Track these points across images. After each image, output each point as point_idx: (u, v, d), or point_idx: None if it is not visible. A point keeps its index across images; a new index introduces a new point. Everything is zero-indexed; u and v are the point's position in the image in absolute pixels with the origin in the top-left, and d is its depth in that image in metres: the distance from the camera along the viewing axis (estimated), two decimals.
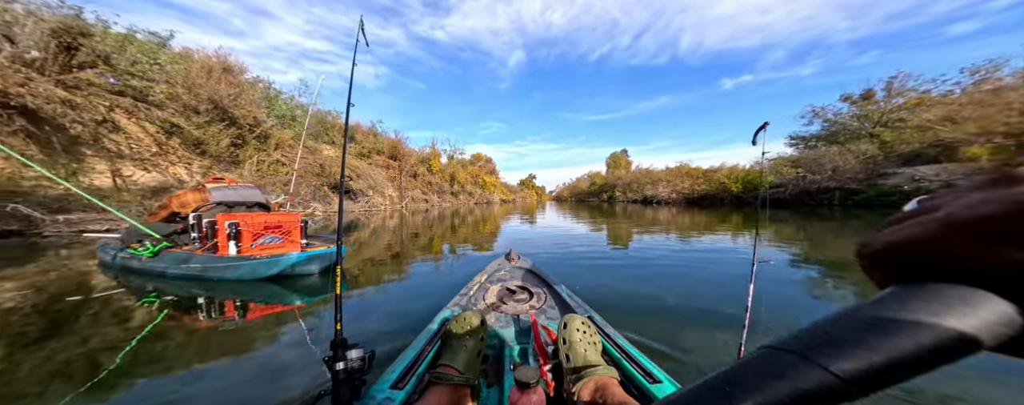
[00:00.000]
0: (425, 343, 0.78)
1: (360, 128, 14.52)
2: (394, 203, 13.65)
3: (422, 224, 6.94)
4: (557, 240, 3.97)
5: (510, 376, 0.68)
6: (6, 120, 5.11)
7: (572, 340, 0.64)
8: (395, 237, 4.76)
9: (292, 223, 2.33)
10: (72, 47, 6.25)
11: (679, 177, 18.74)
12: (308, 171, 10.48)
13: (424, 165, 17.80)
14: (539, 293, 1.16)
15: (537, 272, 1.41)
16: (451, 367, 0.59)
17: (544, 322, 0.95)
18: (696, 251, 3.05)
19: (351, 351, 0.60)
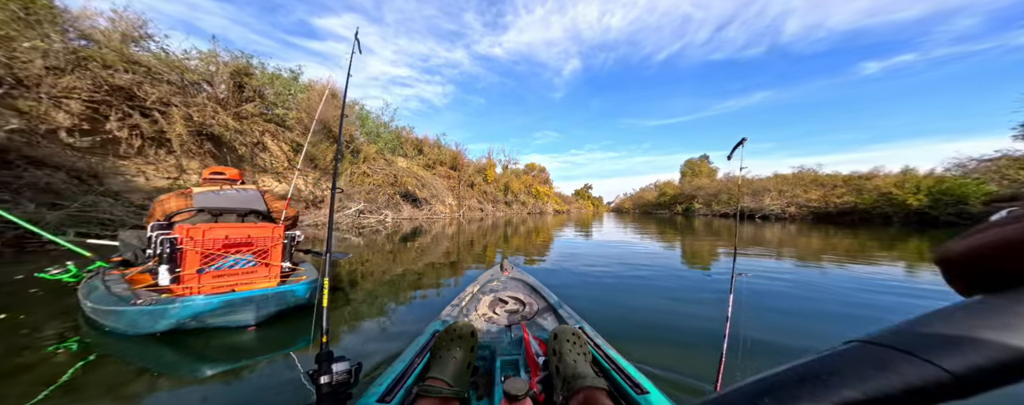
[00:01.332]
0: (414, 355, 0.78)
1: (427, 141, 15.92)
2: (453, 211, 14.59)
3: (477, 232, 7.18)
4: (617, 256, 3.68)
5: (500, 388, 0.67)
6: (199, 144, 6.90)
7: (562, 351, 0.65)
8: (453, 244, 4.96)
9: (269, 239, 1.67)
10: (241, 85, 8.19)
11: (799, 186, 15.20)
12: (384, 181, 11.87)
13: (480, 175, 18.66)
14: (531, 304, 1.16)
15: (530, 283, 1.40)
16: (440, 379, 0.59)
17: (536, 333, 0.93)
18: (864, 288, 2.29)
19: (336, 364, 0.60)
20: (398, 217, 11.33)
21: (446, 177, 15.74)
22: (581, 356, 0.66)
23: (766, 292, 2.15)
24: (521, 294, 1.26)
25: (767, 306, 1.85)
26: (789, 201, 14.70)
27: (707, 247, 4.60)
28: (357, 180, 10.90)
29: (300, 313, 1.61)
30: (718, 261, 3.42)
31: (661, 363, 1.08)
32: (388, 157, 12.77)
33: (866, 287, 2.34)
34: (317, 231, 6.58)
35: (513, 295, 1.24)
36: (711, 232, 7.43)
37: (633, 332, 1.44)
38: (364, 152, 11.47)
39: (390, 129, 13.67)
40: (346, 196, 10.14)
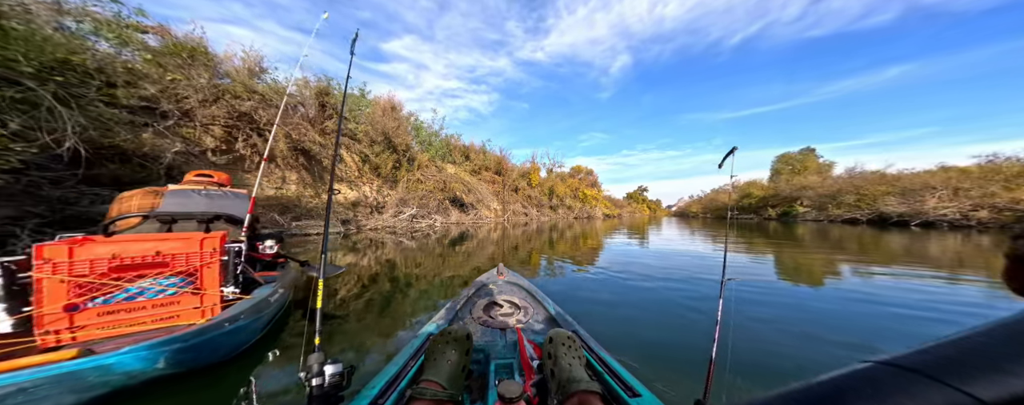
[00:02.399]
0: (408, 358, 0.76)
1: (473, 147, 16.51)
2: (498, 216, 14.83)
3: (521, 237, 7.10)
4: (683, 266, 3.26)
5: (494, 391, 0.62)
6: (295, 158, 8.02)
7: (557, 355, 0.65)
8: (497, 249, 4.97)
9: (196, 256, 1.21)
10: (323, 104, 9.39)
11: (993, 181, 10.94)
12: (435, 187, 12.54)
13: (524, 179, 18.67)
14: (526, 308, 1.14)
15: (525, 286, 1.38)
16: (434, 382, 0.58)
17: (531, 337, 0.91)
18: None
19: (329, 366, 0.59)
20: (446, 221, 11.86)
21: (491, 182, 16.11)
22: (576, 360, 0.66)
23: None
24: (517, 298, 1.25)
25: None
26: (977, 203, 10.54)
27: (820, 262, 3.78)
28: (412, 186, 11.71)
29: (297, 315, 1.66)
30: (857, 280, 2.72)
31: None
32: (439, 164, 13.50)
33: None
34: (376, 234, 7.17)
35: (509, 299, 1.23)
36: (829, 242, 6.11)
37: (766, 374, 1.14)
38: (418, 160, 12.32)
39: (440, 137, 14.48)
40: (402, 202, 10.91)
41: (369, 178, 10.21)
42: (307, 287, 1.95)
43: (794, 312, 1.89)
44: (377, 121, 10.93)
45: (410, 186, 11.65)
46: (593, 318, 1.78)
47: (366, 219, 8.96)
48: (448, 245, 5.48)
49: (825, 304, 2.05)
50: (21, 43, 2.99)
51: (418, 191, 11.62)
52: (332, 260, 3.85)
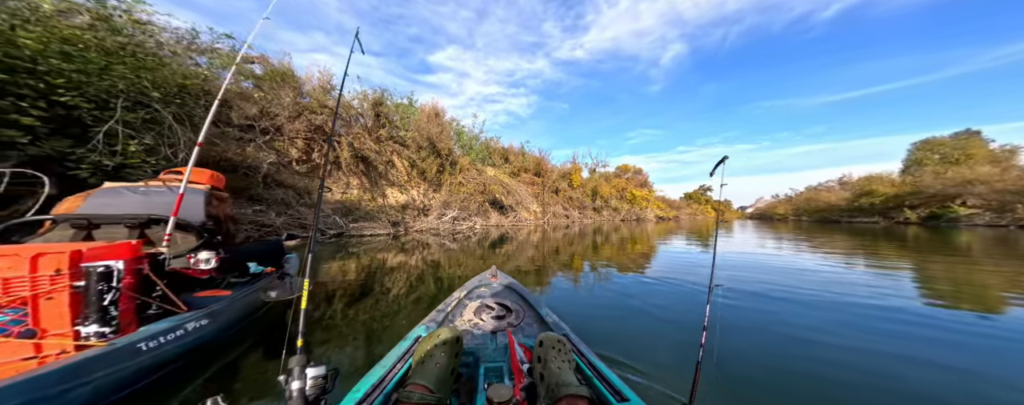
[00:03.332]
0: (396, 360, 0.75)
1: (512, 149, 16.70)
2: (537, 218, 14.76)
3: (562, 240, 6.85)
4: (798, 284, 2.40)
5: (483, 395, 0.65)
6: (356, 164, 8.97)
7: (547, 358, 0.65)
8: (537, 252, 4.84)
9: (27, 280, 0.89)
10: (378, 114, 10.35)
11: None
12: (476, 189, 12.95)
13: (565, 180, 18.28)
14: (518, 311, 1.12)
15: (517, 290, 1.37)
16: (421, 385, 0.57)
17: (521, 340, 0.90)
18: None
19: (311, 369, 0.57)
20: (486, 224, 12.15)
21: (530, 183, 16.12)
22: (565, 364, 0.66)
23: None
24: (508, 301, 1.23)
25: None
26: None
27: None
28: (454, 189, 12.28)
29: (278, 315, 1.57)
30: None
31: None
32: (479, 167, 13.92)
33: None
34: (421, 236, 7.53)
35: (500, 301, 1.21)
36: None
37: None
38: (460, 163, 12.88)
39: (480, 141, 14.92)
40: (444, 204, 11.47)
41: (416, 182, 10.95)
42: (268, 312, 1.55)
43: None
44: (422, 127, 11.67)
45: (452, 189, 12.22)
46: (631, 331, 1.69)
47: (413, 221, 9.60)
48: (488, 247, 5.58)
49: None
50: (149, 73, 3.71)
51: (460, 194, 12.11)
52: (381, 260, 4.05)
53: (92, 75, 3.25)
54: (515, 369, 0.75)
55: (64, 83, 3.06)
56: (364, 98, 8.93)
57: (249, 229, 5.13)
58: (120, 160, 3.49)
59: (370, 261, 3.84)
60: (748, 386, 1.17)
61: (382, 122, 10.16)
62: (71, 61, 3.12)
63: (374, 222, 7.62)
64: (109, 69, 3.40)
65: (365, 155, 8.59)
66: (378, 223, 7.66)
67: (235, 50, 5.28)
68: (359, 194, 8.43)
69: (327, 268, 3.37)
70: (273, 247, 1.95)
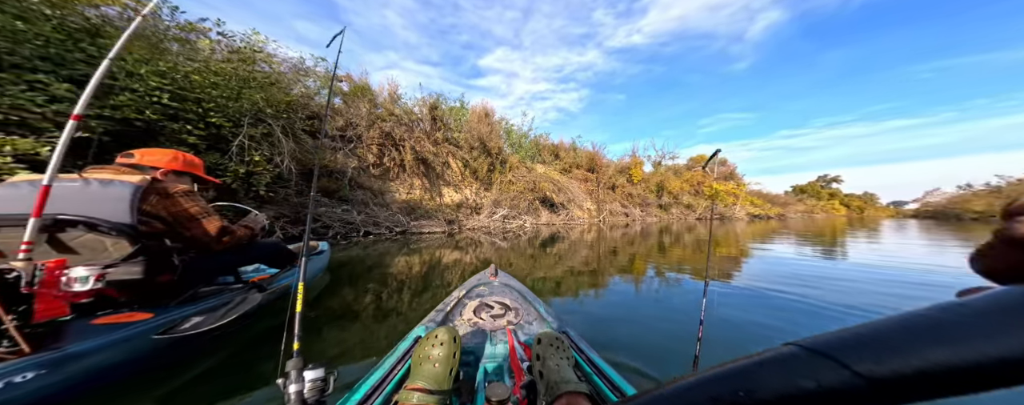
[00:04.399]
0: (395, 361, 0.77)
1: (562, 145, 16.15)
2: (592, 217, 14.06)
3: (621, 240, 6.29)
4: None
5: (483, 394, 0.66)
6: (417, 166, 9.59)
7: (546, 356, 0.67)
8: (592, 252, 4.50)
9: None
10: (434, 118, 10.92)
11: None
12: (525, 187, 12.82)
13: (623, 175, 17.08)
14: (517, 309, 1.13)
15: (516, 288, 1.36)
16: (421, 386, 0.58)
17: (522, 338, 0.92)
18: None
19: (308, 372, 0.58)
20: (536, 222, 11.96)
21: (583, 180, 15.40)
22: (564, 361, 0.67)
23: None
24: (508, 299, 1.20)
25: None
26: None
27: None
28: (504, 188, 12.36)
29: (273, 317, 1.56)
30: None
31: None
32: (528, 164, 13.77)
33: None
34: (474, 234, 7.68)
35: (500, 300, 1.18)
36: None
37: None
38: (509, 162, 12.91)
39: (529, 139, 14.75)
40: (495, 203, 11.60)
41: (469, 181, 11.26)
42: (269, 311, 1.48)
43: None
44: (474, 128, 11.95)
45: (503, 187, 12.32)
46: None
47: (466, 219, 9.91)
48: (538, 246, 5.46)
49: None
50: (263, 92, 4.43)
51: (510, 192, 12.15)
52: (437, 257, 4.16)
53: (230, 99, 3.90)
54: (515, 367, 0.75)
55: (213, 107, 3.72)
56: (422, 104, 9.45)
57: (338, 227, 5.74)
58: (249, 168, 4.15)
59: (430, 257, 4.13)
60: None
61: (438, 125, 10.68)
62: (218, 89, 3.78)
63: (432, 220, 8.04)
64: (241, 94, 4.05)
65: (425, 157, 9.09)
66: (435, 221, 8.08)
67: (329, 72, 6.07)
68: (421, 194, 8.97)
69: (394, 261, 3.71)
70: (270, 250, 1.62)
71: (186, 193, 1.18)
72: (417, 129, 9.52)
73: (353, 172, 6.41)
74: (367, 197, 6.92)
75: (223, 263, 1.38)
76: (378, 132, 7.48)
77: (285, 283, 1.60)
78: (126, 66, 3.00)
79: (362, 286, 2.44)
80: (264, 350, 1.32)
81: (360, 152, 7.05)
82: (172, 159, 1.26)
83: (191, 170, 1.32)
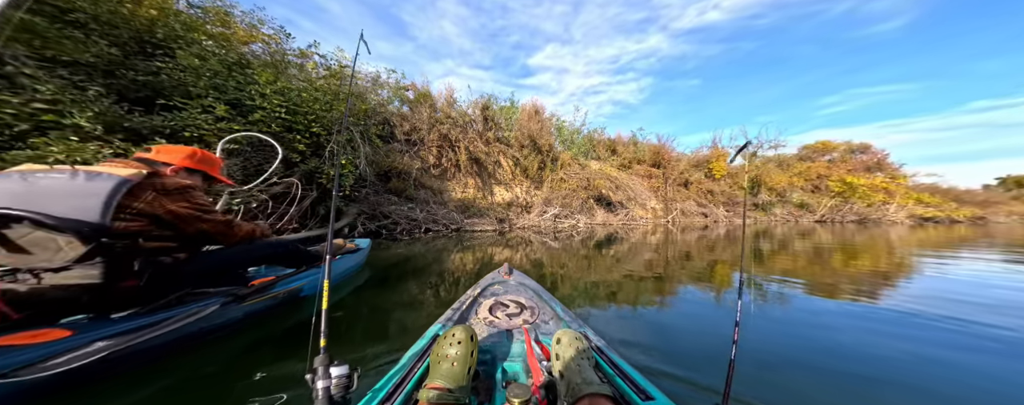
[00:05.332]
0: (414, 360, 0.79)
1: (620, 140, 15.14)
2: (657, 216, 12.82)
3: (698, 244, 5.47)
4: None
5: (502, 394, 0.69)
6: (470, 166, 10.04)
7: (565, 356, 0.67)
8: (657, 255, 4.03)
9: None
10: (486, 118, 11.30)
11: None
12: (578, 185, 12.32)
13: (700, 170, 15.11)
14: (533, 308, 1.13)
15: (531, 287, 1.38)
16: (440, 385, 0.60)
17: (538, 337, 0.92)
18: None
19: (334, 368, 0.60)
20: (591, 222, 11.39)
21: (647, 176, 14.14)
22: (585, 361, 0.67)
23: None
24: (523, 298, 1.20)
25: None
26: None
27: None
28: (556, 186, 12.10)
29: (300, 313, 1.63)
30: None
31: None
32: (581, 161, 13.23)
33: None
34: (524, 233, 7.63)
35: (515, 299, 1.18)
36: None
37: None
38: (561, 159, 12.60)
39: (582, 134, 14.18)
40: (546, 201, 11.41)
41: (520, 180, 11.32)
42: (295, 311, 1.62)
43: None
44: (524, 125, 11.99)
45: (553, 185, 12.08)
46: None
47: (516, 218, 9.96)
48: (593, 247, 5.19)
49: None
50: (344, 105, 5.06)
51: (561, 190, 11.84)
52: (489, 255, 4.18)
53: (326, 111, 4.60)
54: (533, 367, 0.73)
55: (314, 119, 4.42)
56: (475, 105, 9.85)
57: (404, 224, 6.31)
58: (340, 170, 4.84)
59: (483, 254, 4.24)
60: None
61: (489, 125, 11.02)
62: (317, 103, 4.50)
63: (483, 218, 8.28)
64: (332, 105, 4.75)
65: (477, 157, 9.45)
66: (487, 220, 8.31)
67: (399, 82, 6.82)
68: (474, 193, 9.34)
69: (451, 257, 3.84)
70: (272, 251, 1.50)
71: (194, 187, 1.16)
72: (471, 130, 9.98)
73: (417, 173, 7.02)
74: (428, 195, 7.51)
75: (213, 265, 1.28)
76: (437, 135, 8.06)
77: (296, 285, 1.57)
78: (259, 89, 3.83)
79: (412, 280, 2.57)
80: (299, 345, 1.35)
81: (422, 154, 7.70)
82: (188, 156, 1.24)
83: (204, 168, 1.28)
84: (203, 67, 3.51)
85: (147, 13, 3.56)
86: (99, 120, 2.75)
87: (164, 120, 3.17)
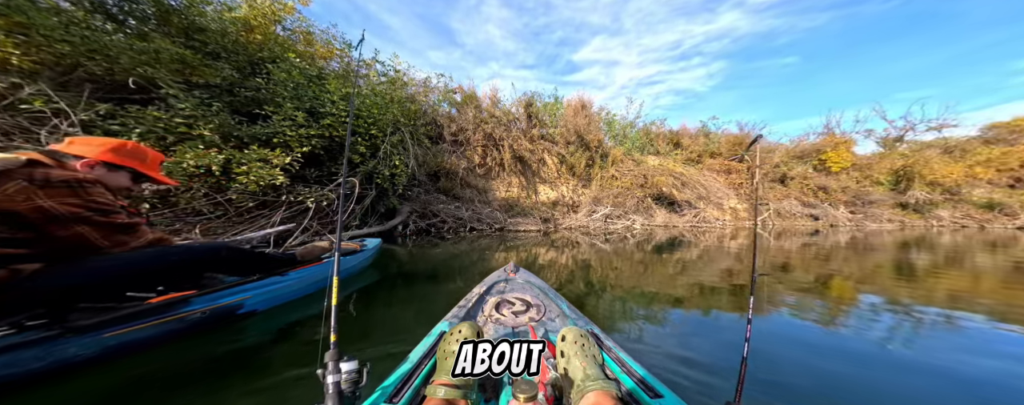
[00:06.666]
0: (421, 356, 0.82)
1: (686, 131, 13.67)
2: (739, 218, 11.15)
3: (801, 253, 4.55)
4: None
5: (508, 390, 0.71)
6: (515, 165, 10.09)
7: (570, 353, 0.69)
8: (739, 263, 3.46)
9: None
10: (529, 116, 11.27)
11: None
12: (633, 183, 11.39)
13: (805, 162, 12.90)
14: (539, 305, 1.17)
15: (537, 284, 1.41)
16: (447, 381, 0.61)
17: (543, 335, 0.97)
18: None
19: (345, 363, 0.63)
20: (649, 223, 10.41)
21: (724, 171, 12.48)
22: (591, 358, 0.68)
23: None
24: (529, 296, 1.25)
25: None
26: None
27: None
28: (606, 184, 11.41)
29: (312, 308, 1.63)
30: None
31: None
32: (636, 157, 12.26)
33: None
34: (571, 234, 7.32)
35: (520, 296, 1.23)
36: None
37: None
38: (612, 155, 11.87)
39: (636, 128, 13.16)
40: (595, 201, 10.80)
41: (566, 178, 10.97)
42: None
43: None
44: (569, 121, 11.63)
45: (604, 183, 11.40)
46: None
47: (562, 218, 9.62)
48: (651, 251, 4.79)
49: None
50: (397, 107, 5.42)
51: (612, 188, 11.10)
52: (535, 255, 4.13)
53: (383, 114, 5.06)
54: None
55: (373, 122, 4.89)
56: (518, 103, 9.88)
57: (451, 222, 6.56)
58: (392, 170, 5.25)
59: (526, 255, 4.19)
60: None
61: (533, 123, 10.96)
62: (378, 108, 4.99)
63: (527, 218, 8.17)
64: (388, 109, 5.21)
65: (521, 155, 9.43)
66: (530, 219, 8.18)
67: (447, 86, 7.28)
68: (518, 192, 9.34)
69: (493, 257, 3.82)
70: (186, 257, 1.23)
71: (93, 182, 1.01)
72: (514, 128, 10.06)
73: (462, 172, 7.31)
74: (473, 195, 7.76)
75: (87, 278, 1.02)
76: (482, 134, 8.30)
77: (232, 301, 1.33)
78: (329, 97, 4.43)
79: (441, 279, 2.56)
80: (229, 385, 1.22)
81: (468, 154, 8.00)
82: (111, 149, 1.09)
83: (131, 163, 1.12)
84: (289, 81, 4.21)
85: (256, 38, 4.45)
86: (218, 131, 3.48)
87: (261, 128, 3.87)
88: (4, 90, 2.63)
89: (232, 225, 3.53)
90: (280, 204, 3.87)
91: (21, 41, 2.72)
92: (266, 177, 3.45)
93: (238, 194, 3.41)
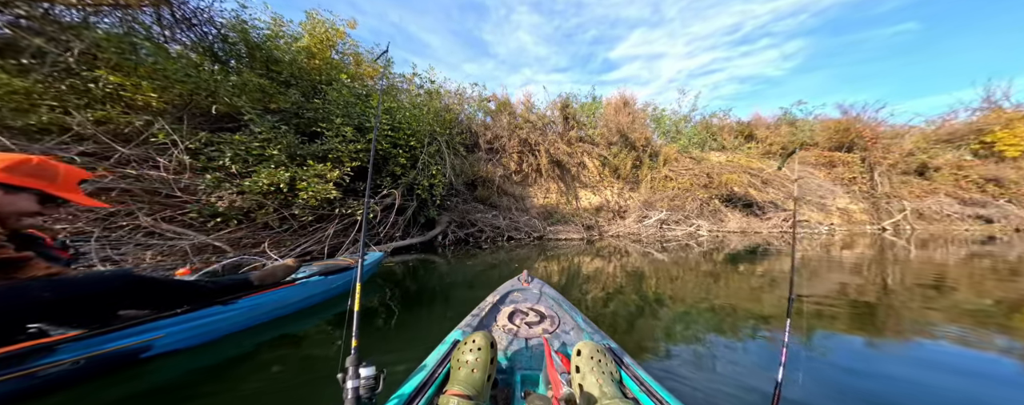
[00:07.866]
0: (435, 365, 0.82)
1: (761, 121, 12.16)
2: (854, 221, 9.25)
3: (969, 266, 3.49)
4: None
5: (521, 403, 0.73)
6: (552, 170, 9.91)
7: (586, 369, 0.70)
8: (865, 283, 2.71)
9: None
10: (566, 117, 11.09)
11: None
12: (693, 183, 10.25)
13: (959, 147, 10.40)
14: (553, 317, 1.18)
15: (551, 295, 1.42)
16: (459, 392, 0.63)
17: (558, 347, 0.98)
18: None
19: (364, 369, 0.66)
20: (719, 229, 9.15)
21: (827, 165, 10.70)
22: (608, 375, 0.69)
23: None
24: (543, 307, 1.26)
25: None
26: None
27: None
28: (658, 186, 10.47)
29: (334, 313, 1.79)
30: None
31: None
32: (695, 154, 11.11)
33: None
34: (619, 242, 6.80)
35: (534, 307, 1.25)
36: None
37: None
38: (663, 154, 10.93)
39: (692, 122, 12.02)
40: (646, 205, 9.94)
41: (609, 181, 10.38)
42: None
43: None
44: (610, 120, 11.12)
45: (655, 185, 10.49)
46: None
47: (608, 225, 9.03)
48: (722, 261, 4.27)
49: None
50: (433, 116, 5.70)
51: (666, 190, 10.13)
52: (572, 266, 4.05)
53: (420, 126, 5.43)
54: (552, 378, 0.75)
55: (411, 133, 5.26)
56: (553, 106, 9.82)
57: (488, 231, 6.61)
58: (430, 180, 5.52)
59: (568, 263, 4.06)
60: None
61: (570, 125, 10.74)
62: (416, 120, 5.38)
63: (568, 225, 7.83)
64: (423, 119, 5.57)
65: (559, 159, 9.24)
66: (571, 227, 7.83)
67: (481, 95, 7.65)
68: (556, 198, 9.09)
69: (534, 269, 3.93)
70: (91, 283, 1.09)
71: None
72: (550, 132, 9.97)
73: (499, 180, 7.40)
74: (510, 202, 7.77)
75: None
76: (517, 140, 8.38)
77: (127, 344, 1.13)
78: (373, 112, 4.94)
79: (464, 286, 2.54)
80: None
81: (504, 161, 8.12)
82: (5, 168, 0.96)
83: (33, 184, 0.99)
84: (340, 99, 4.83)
85: (316, 64, 5.28)
86: (285, 151, 4.10)
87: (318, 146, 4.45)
88: (141, 127, 3.49)
89: (295, 237, 4.06)
90: (334, 217, 4.34)
91: (157, 85, 3.61)
92: (322, 192, 3.91)
93: (300, 209, 3.92)
